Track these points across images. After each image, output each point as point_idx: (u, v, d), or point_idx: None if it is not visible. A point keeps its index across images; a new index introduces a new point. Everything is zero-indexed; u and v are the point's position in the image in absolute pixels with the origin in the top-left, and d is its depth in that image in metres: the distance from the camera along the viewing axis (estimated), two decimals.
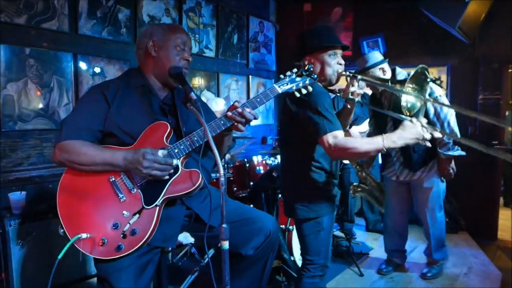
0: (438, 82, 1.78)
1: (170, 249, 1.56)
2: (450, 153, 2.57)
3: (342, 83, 1.87)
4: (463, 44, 3.80)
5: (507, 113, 4.86)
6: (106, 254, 1.38)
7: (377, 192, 3.14)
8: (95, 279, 2.46)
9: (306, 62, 1.82)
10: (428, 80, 1.71)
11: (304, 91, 1.54)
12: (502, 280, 2.94)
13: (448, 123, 2.58)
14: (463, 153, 2.58)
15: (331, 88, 1.89)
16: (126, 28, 3.23)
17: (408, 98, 1.70)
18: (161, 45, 1.57)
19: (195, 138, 1.47)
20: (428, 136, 1.55)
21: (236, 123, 1.46)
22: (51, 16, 2.74)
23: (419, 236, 3.78)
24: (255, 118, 1.49)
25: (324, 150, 1.67)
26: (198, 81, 3.99)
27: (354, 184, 3.24)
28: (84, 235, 1.37)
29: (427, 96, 1.78)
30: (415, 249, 3.51)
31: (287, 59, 4.99)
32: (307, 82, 1.53)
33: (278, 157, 3.12)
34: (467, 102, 4.01)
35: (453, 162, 2.65)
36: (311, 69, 1.54)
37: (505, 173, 5.03)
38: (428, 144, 1.58)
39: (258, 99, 1.49)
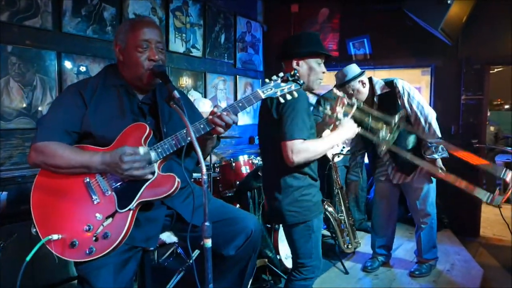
0: None
1: (152, 248, 1.54)
2: (435, 156, 2.68)
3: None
4: (446, 46, 3.88)
5: (489, 113, 4.98)
6: (77, 256, 1.35)
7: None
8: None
9: (295, 63, 1.85)
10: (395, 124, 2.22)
11: (289, 97, 1.50)
12: (483, 276, 3.01)
13: (430, 125, 2.66)
14: (446, 154, 2.68)
15: (314, 92, 1.98)
16: (112, 26, 3.20)
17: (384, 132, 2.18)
18: (123, 49, 1.50)
19: (175, 142, 1.44)
20: (358, 131, 1.91)
21: (216, 127, 1.43)
22: (34, 14, 2.69)
23: (404, 234, 3.84)
24: (234, 123, 1.45)
25: (283, 155, 1.69)
26: (185, 81, 3.98)
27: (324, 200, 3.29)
28: (55, 236, 1.35)
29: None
30: (400, 246, 3.56)
31: (274, 59, 5.01)
32: (293, 87, 1.49)
33: None
34: (450, 102, 4.10)
35: (440, 162, 2.73)
36: (297, 74, 1.50)
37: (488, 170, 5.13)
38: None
39: (240, 104, 1.46)
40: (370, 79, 2.77)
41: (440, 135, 2.66)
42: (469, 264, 3.24)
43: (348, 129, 1.87)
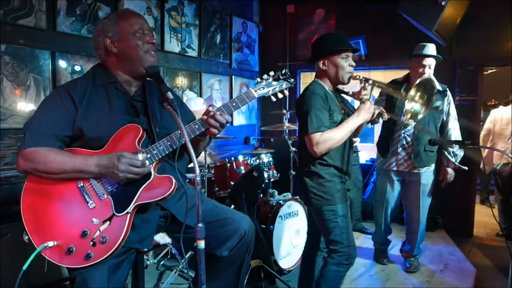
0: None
1: (146, 249, 1.54)
2: (453, 159, 2.83)
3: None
4: (441, 47, 3.90)
5: (482, 114, 5.01)
6: (75, 263, 1.32)
7: None
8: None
9: (321, 64, 2.02)
10: (435, 91, 2.01)
11: (280, 96, 1.55)
12: (476, 276, 3.04)
13: (452, 132, 2.89)
14: (458, 160, 2.83)
15: (343, 89, 2.10)
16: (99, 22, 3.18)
17: (413, 104, 2.00)
18: (118, 39, 1.48)
19: (170, 143, 1.44)
20: (377, 111, 1.95)
21: (210, 128, 1.44)
22: (28, 13, 2.68)
23: (398, 234, 3.85)
24: (228, 123, 1.47)
25: (308, 147, 1.88)
26: (180, 81, 3.97)
27: None
28: (51, 243, 1.32)
29: (437, 103, 2.05)
30: (394, 246, 3.58)
31: (270, 59, 5.02)
32: (284, 86, 1.53)
33: (262, 156, 3.14)
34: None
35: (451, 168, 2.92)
36: (288, 73, 1.54)
37: (481, 171, 5.18)
38: (380, 121, 2.03)
39: (234, 104, 1.48)
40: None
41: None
42: (462, 264, 3.26)
43: (365, 110, 1.92)
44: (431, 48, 2.80)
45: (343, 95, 2.16)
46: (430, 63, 2.75)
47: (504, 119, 4.32)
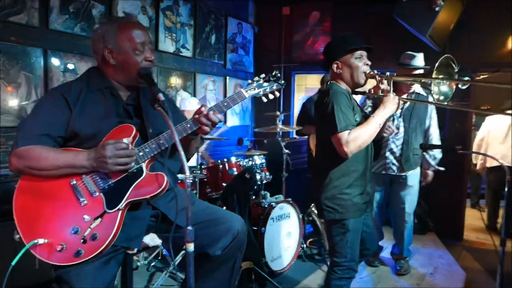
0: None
1: (135, 250, 1.53)
2: (433, 162, 2.99)
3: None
4: (435, 52, 3.93)
5: (474, 118, 5.06)
6: (65, 260, 1.33)
7: None
8: None
9: (335, 68, 1.92)
10: (456, 69, 1.82)
11: (271, 97, 1.58)
12: (466, 279, 3.07)
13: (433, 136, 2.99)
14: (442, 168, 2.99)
15: (360, 90, 2.01)
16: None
17: (439, 88, 1.82)
18: (117, 52, 1.49)
19: (161, 141, 1.46)
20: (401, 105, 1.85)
21: (202, 126, 1.47)
22: (19, 10, 2.65)
23: (389, 237, 3.87)
24: (220, 121, 1.50)
25: (337, 148, 1.77)
26: (174, 81, 3.96)
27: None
28: (41, 241, 1.33)
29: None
30: (385, 249, 3.60)
31: (265, 61, 5.02)
32: (275, 87, 1.57)
33: (255, 158, 3.13)
34: (437, 108, 4.14)
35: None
36: (279, 74, 1.57)
37: (471, 175, 5.24)
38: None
39: (225, 103, 1.52)
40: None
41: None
42: (452, 267, 3.29)
43: (390, 102, 1.83)
44: (419, 59, 2.84)
45: (355, 96, 2.10)
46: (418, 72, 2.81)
47: (498, 125, 4.42)
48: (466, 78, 2.66)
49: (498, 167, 4.16)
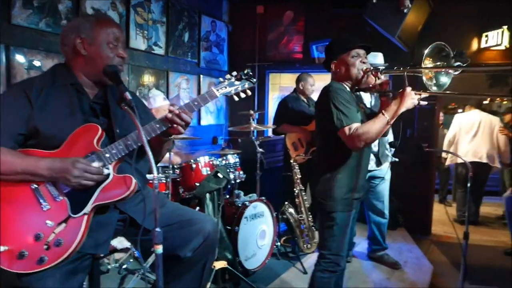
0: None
1: (102, 255, 1.49)
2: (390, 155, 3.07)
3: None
4: (404, 52, 4.04)
5: (441, 116, 5.27)
6: (27, 267, 1.26)
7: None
8: None
9: (333, 67, 1.97)
10: (451, 55, 1.80)
11: (243, 95, 1.57)
12: (433, 272, 3.19)
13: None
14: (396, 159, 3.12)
15: (360, 87, 2.01)
16: (67, 20, 3.04)
17: (437, 77, 1.79)
18: (90, 42, 1.46)
19: (129, 142, 1.41)
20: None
21: (175, 126, 1.43)
22: None
23: (362, 233, 3.96)
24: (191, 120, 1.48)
25: (345, 141, 1.79)
26: (146, 79, 3.88)
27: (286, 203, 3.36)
28: (1, 248, 1.25)
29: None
30: (358, 245, 3.68)
31: (239, 59, 5.01)
32: (246, 86, 1.56)
33: (228, 157, 3.12)
34: None
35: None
36: (250, 73, 1.56)
37: (439, 171, 5.46)
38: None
39: (196, 103, 1.48)
40: None
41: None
42: (420, 261, 3.41)
43: (409, 97, 1.74)
44: (379, 58, 2.93)
45: (362, 93, 2.10)
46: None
47: (468, 123, 4.67)
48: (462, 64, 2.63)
49: (464, 164, 4.35)
